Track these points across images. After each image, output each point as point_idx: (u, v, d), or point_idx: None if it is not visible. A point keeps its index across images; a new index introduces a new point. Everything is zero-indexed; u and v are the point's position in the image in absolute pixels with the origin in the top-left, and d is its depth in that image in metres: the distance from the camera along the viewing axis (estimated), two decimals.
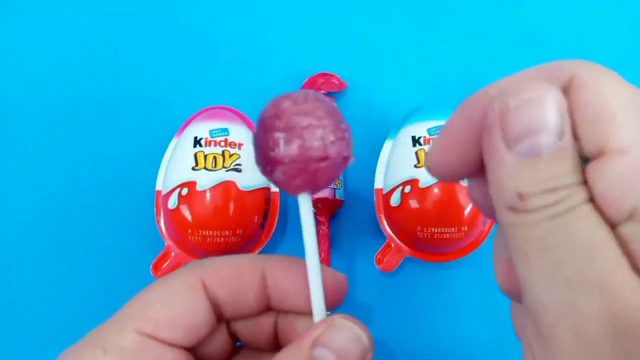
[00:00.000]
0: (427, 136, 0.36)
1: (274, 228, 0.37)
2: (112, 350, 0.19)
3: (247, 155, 0.36)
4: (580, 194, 0.14)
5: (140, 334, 0.19)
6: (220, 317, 0.22)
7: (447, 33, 0.43)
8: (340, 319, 0.19)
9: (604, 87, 0.15)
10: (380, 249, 0.37)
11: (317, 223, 0.38)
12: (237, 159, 0.35)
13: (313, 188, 0.19)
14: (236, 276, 0.21)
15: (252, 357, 0.24)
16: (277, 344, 0.23)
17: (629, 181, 0.13)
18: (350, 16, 0.44)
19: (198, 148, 0.35)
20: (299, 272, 0.21)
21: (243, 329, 0.23)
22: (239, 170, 0.35)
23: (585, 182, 0.14)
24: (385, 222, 0.37)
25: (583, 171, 0.14)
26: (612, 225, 0.14)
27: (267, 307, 0.22)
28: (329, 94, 0.40)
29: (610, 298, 0.13)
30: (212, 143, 0.35)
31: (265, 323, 0.23)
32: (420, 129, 0.36)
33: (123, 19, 0.43)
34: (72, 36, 0.43)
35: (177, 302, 0.20)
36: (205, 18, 0.43)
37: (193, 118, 0.38)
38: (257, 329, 0.23)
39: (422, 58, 0.43)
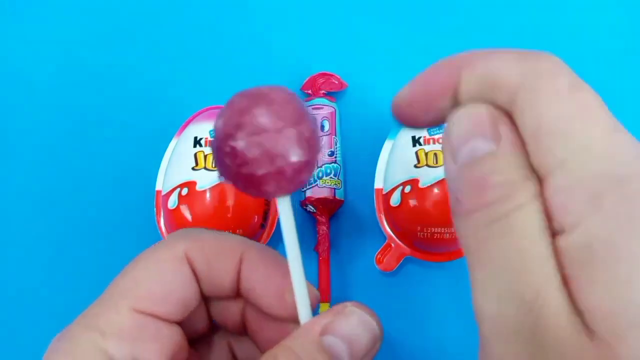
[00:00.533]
0: (427, 136, 0.36)
1: (274, 228, 0.37)
2: (110, 332, 0.18)
3: None
4: (516, 201, 0.14)
5: (136, 312, 0.18)
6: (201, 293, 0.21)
7: (447, 33, 0.43)
8: (350, 307, 0.19)
9: (541, 106, 0.14)
10: (380, 249, 0.37)
11: (317, 223, 0.38)
12: None
13: (287, 191, 0.18)
14: (218, 255, 0.20)
15: (231, 336, 0.24)
16: (245, 330, 0.23)
17: (568, 196, 0.13)
18: (351, 16, 0.44)
19: (198, 148, 0.35)
20: (272, 268, 0.21)
21: (215, 309, 0.23)
22: None
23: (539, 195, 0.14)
24: (385, 222, 0.37)
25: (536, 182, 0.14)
26: (554, 234, 0.14)
27: (238, 293, 0.21)
28: (329, 94, 0.40)
29: (534, 317, 0.13)
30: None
31: (235, 308, 0.22)
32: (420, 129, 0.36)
33: (123, 19, 0.43)
34: (72, 36, 0.43)
35: (168, 277, 0.19)
36: (205, 18, 0.43)
37: (193, 118, 0.38)
38: (226, 312, 0.22)
39: (422, 58, 0.43)
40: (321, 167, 0.38)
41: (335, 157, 0.39)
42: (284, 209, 0.18)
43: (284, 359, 0.17)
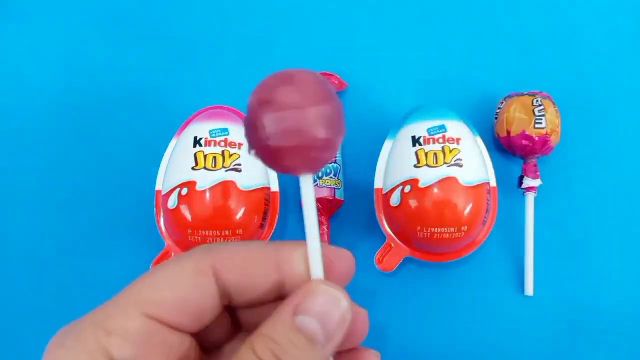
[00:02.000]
0: (427, 136, 0.36)
1: (274, 228, 0.37)
2: (116, 333, 0.18)
3: (247, 156, 0.36)
4: None
5: (146, 317, 0.18)
6: (228, 305, 0.21)
7: (447, 33, 0.43)
8: (318, 285, 0.20)
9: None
10: (380, 249, 0.37)
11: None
12: (237, 159, 0.35)
13: (310, 169, 0.19)
14: (251, 264, 0.20)
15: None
16: None
17: None
18: (351, 16, 0.44)
19: (198, 148, 0.35)
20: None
21: (250, 317, 0.22)
22: (239, 170, 0.35)
23: None
24: (385, 222, 0.37)
25: None
26: None
27: (279, 296, 0.21)
28: None
29: None
30: (212, 143, 0.35)
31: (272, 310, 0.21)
32: (420, 129, 0.36)
33: (123, 19, 0.43)
34: (72, 36, 0.43)
35: (186, 286, 0.19)
36: (205, 18, 0.43)
37: (193, 118, 0.38)
38: (264, 317, 0.21)
39: (422, 58, 0.43)
40: None
41: (335, 157, 0.39)
42: (306, 188, 0.19)
43: (262, 346, 0.18)
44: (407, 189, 0.35)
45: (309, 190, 0.19)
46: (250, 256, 0.20)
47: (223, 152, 0.35)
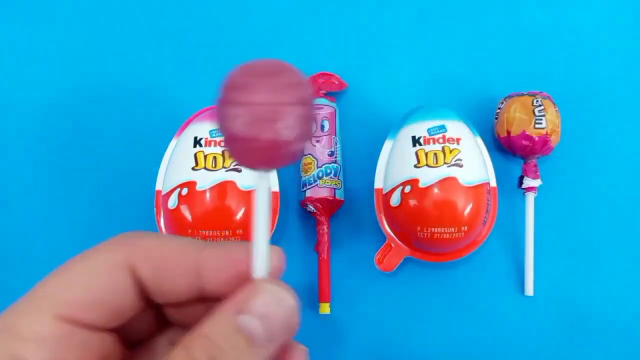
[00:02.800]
0: (427, 136, 0.36)
1: (274, 228, 0.37)
2: (29, 339, 0.16)
3: None
4: None
5: (60, 319, 0.17)
6: (149, 301, 0.19)
7: (447, 33, 0.43)
8: (261, 284, 0.18)
9: None
10: (380, 249, 0.37)
11: (317, 223, 0.38)
12: None
13: (268, 166, 0.18)
14: (166, 261, 0.19)
15: (181, 332, 0.21)
16: None
17: None
18: (350, 16, 0.44)
19: (198, 148, 0.35)
20: (237, 264, 0.19)
21: (175, 313, 0.21)
22: (239, 170, 0.35)
23: None
24: (385, 222, 0.37)
25: None
26: None
27: (201, 297, 0.20)
28: (329, 94, 0.40)
29: None
30: (212, 143, 0.35)
31: (200, 309, 0.20)
32: (420, 129, 0.36)
33: (123, 19, 0.43)
34: (72, 36, 0.43)
35: (99, 283, 0.18)
36: (205, 18, 0.43)
37: (193, 118, 0.38)
38: (191, 315, 0.20)
39: (422, 58, 0.43)
40: (321, 167, 0.38)
41: (335, 157, 0.39)
42: (262, 183, 0.18)
43: (197, 347, 0.17)
44: (407, 189, 0.35)
45: (264, 186, 0.19)
46: (168, 253, 0.19)
47: (223, 152, 0.35)
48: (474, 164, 0.36)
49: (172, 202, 0.35)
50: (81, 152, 0.41)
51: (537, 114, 0.37)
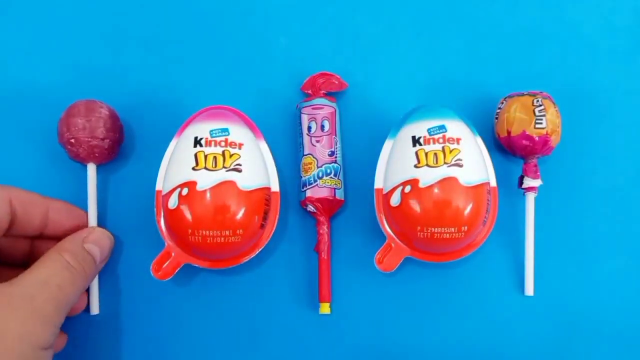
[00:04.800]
0: (427, 136, 0.36)
1: (274, 228, 0.37)
2: None
3: (247, 156, 0.36)
4: None
5: None
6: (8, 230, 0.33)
7: (448, 33, 0.43)
8: (95, 228, 0.37)
9: None
10: (380, 249, 0.37)
11: (317, 223, 0.38)
12: (237, 159, 0.35)
13: (92, 161, 0.38)
14: (31, 202, 0.34)
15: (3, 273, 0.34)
16: (29, 262, 0.33)
17: None
18: (350, 16, 0.44)
19: (198, 148, 0.35)
20: (74, 217, 0.37)
21: (11, 243, 0.35)
22: (239, 170, 0.35)
23: None
24: (385, 222, 0.37)
25: None
26: None
27: (39, 235, 0.35)
28: (329, 94, 0.40)
29: None
30: (213, 143, 0.35)
31: (24, 245, 0.36)
32: (420, 128, 0.36)
33: (123, 19, 0.43)
34: (72, 35, 0.43)
35: None
36: (205, 18, 0.43)
37: (193, 118, 0.37)
38: (15, 247, 0.36)
39: (422, 58, 0.43)
40: (321, 167, 0.38)
41: (335, 157, 0.39)
42: (91, 173, 0.38)
43: (67, 255, 0.32)
44: (407, 189, 0.35)
45: (92, 175, 0.38)
46: (33, 198, 0.35)
47: (223, 152, 0.35)
48: (474, 164, 0.36)
49: (172, 202, 0.35)
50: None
51: (537, 114, 0.37)
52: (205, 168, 0.35)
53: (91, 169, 0.38)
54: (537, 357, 0.38)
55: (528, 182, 0.38)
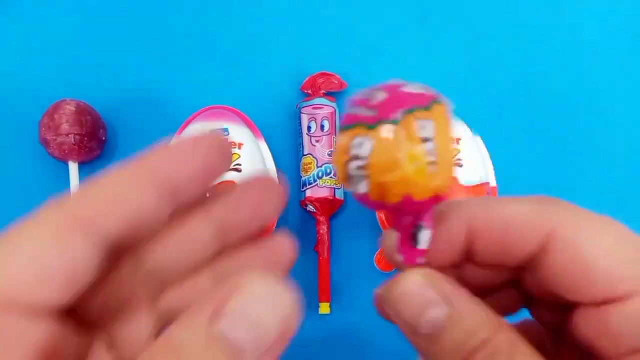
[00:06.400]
0: None
1: (274, 228, 0.37)
2: None
3: (247, 156, 0.36)
4: (504, 351, 0.15)
5: None
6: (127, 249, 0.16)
7: (447, 33, 0.43)
8: (250, 277, 0.14)
9: (579, 245, 0.16)
10: (381, 249, 0.37)
11: (317, 223, 0.38)
12: (237, 159, 0.35)
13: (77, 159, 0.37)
14: (127, 198, 0.15)
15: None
16: None
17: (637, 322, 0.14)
18: (351, 16, 0.44)
19: None
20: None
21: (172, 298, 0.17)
22: (240, 171, 0.35)
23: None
24: (385, 222, 0.37)
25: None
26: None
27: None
28: (329, 94, 0.40)
29: None
30: None
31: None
32: None
33: (123, 19, 0.43)
34: (72, 35, 0.43)
35: (42, 253, 0.14)
36: (205, 18, 0.43)
37: (193, 118, 0.38)
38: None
39: (422, 58, 0.43)
40: (321, 167, 0.38)
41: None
42: (73, 171, 0.37)
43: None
44: None
45: (74, 174, 0.37)
46: (127, 187, 0.15)
47: None
48: (474, 164, 0.36)
49: None
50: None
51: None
52: None
53: (73, 167, 0.37)
54: None
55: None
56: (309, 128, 0.39)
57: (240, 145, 0.36)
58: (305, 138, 0.39)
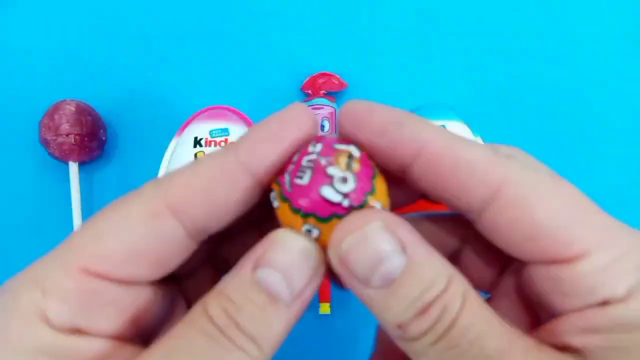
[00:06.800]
0: None
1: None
2: (53, 293, 0.15)
3: None
4: (456, 303, 0.14)
5: (87, 274, 0.15)
6: (206, 237, 0.17)
7: (447, 33, 0.43)
8: (284, 233, 0.16)
9: (529, 204, 0.15)
10: None
11: None
12: None
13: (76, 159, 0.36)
14: (215, 188, 0.16)
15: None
16: None
17: (615, 270, 0.14)
18: (351, 16, 0.44)
19: (198, 148, 0.35)
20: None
21: (230, 250, 0.20)
22: None
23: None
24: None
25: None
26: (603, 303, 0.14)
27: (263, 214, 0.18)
28: (329, 94, 0.40)
29: None
30: (213, 143, 0.35)
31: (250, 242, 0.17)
32: None
33: (123, 19, 0.43)
34: (72, 35, 0.43)
35: (136, 234, 0.15)
36: (205, 18, 0.43)
37: (193, 118, 0.38)
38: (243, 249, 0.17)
39: (422, 58, 0.43)
40: None
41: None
42: (73, 172, 0.37)
43: (215, 304, 0.15)
44: None
45: (74, 174, 0.37)
46: (212, 178, 0.16)
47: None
48: None
49: None
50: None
51: None
52: None
53: (72, 167, 0.37)
54: None
55: None
56: None
57: None
58: None
